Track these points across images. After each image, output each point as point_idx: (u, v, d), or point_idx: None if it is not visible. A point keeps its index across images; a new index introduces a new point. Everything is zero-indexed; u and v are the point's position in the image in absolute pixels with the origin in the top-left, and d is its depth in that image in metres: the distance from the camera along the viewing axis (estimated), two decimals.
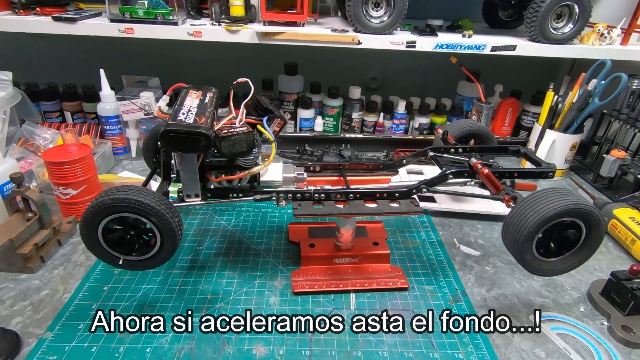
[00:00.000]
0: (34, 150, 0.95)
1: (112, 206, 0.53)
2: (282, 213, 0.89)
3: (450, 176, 0.66)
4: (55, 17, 0.94)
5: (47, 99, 1.12)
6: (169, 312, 0.62)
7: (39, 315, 0.61)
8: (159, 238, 0.56)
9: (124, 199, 0.53)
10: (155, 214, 0.54)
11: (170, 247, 0.57)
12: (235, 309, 0.64)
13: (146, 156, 0.75)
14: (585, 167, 1.15)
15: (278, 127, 0.66)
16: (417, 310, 0.65)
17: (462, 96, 1.27)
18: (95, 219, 0.54)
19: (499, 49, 1.02)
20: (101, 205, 0.53)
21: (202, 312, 0.63)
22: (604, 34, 1.05)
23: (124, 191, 0.54)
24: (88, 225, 0.55)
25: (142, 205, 0.53)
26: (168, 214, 0.54)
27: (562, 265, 0.60)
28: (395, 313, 0.63)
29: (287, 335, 0.60)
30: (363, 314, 0.62)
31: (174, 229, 0.55)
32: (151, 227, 0.56)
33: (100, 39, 0.96)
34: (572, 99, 1.03)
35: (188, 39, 0.96)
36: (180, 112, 0.56)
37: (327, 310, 0.65)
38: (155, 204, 0.54)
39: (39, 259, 0.71)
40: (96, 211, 0.53)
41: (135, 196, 0.53)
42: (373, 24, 0.98)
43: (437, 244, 0.82)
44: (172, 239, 0.56)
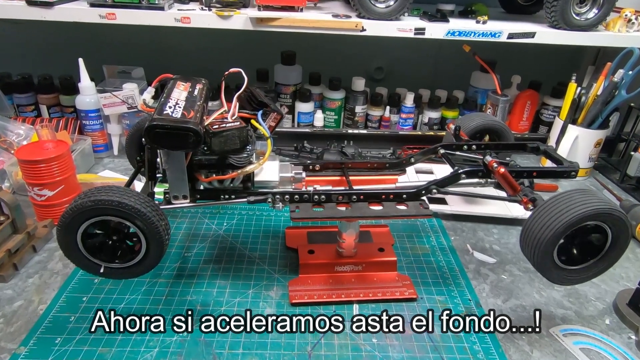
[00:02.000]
0: (6, 148, 0.95)
1: (93, 209, 0.53)
2: (278, 216, 0.89)
3: (463, 176, 0.66)
4: (30, 1, 0.93)
5: (20, 91, 1.13)
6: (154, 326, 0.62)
7: (12, 328, 0.61)
8: (145, 243, 0.56)
9: (105, 200, 0.53)
10: (140, 217, 0.54)
11: (156, 253, 0.57)
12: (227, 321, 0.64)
13: (129, 154, 0.75)
14: (611, 165, 1.15)
15: (274, 122, 0.66)
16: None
17: (476, 88, 1.27)
18: (74, 223, 0.54)
19: (517, 37, 1.02)
20: (80, 207, 0.53)
21: (190, 324, 0.63)
22: (631, 19, 1.05)
23: (106, 192, 0.54)
24: (66, 230, 0.55)
25: (126, 207, 0.53)
26: (154, 217, 0.54)
27: (585, 273, 0.60)
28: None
29: (284, 350, 0.60)
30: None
31: (160, 234, 0.55)
32: (135, 232, 0.56)
33: (79, 26, 0.96)
34: (597, 91, 1.03)
35: (175, 25, 0.96)
36: (166, 105, 0.56)
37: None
38: (140, 206, 0.53)
39: (12, 266, 0.70)
40: (75, 214, 0.53)
41: (118, 198, 0.53)
42: (378, 9, 0.98)
43: (448, 250, 0.82)
44: (158, 245, 0.56)
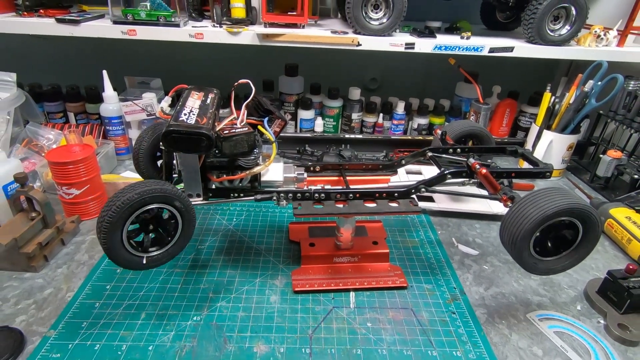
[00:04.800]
0: (37, 151, 0.95)
1: (141, 200, 0.52)
2: (282, 213, 0.89)
3: (448, 176, 0.66)
4: (59, 19, 0.94)
5: (50, 100, 1.13)
6: (171, 311, 0.63)
7: (43, 313, 0.61)
8: (180, 223, 0.57)
9: (149, 189, 0.53)
10: (178, 197, 0.55)
11: (189, 232, 0.58)
12: (237, 307, 0.64)
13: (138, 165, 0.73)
14: (582, 167, 1.15)
15: (279, 127, 0.66)
16: (416, 308, 0.65)
17: (461, 97, 1.27)
18: (120, 221, 0.52)
19: (497, 51, 1.01)
20: (129, 201, 0.51)
21: (204, 310, 0.63)
22: (600, 35, 1.05)
23: (142, 185, 0.53)
24: (113, 230, 0.52)
25: (166, 191, 0.54)
26: (185, 196, 0.56)
27: (559, 264, 0.60)
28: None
29: (288, 333, 0.60)
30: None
31: (193, 211, 0.57)
32: (169, 216, 0.56)
33: (103, 41, 0.96)
34: (569, 100, 1.02)
35: (190, 40, 0.96)
36: (182, 112, 0.56)
37: (327, 309, 0.65)
38: (173, 189, 0.55)
39: (43, 258, 0.71)
40: (123, 210, 0.51)
41: (157, 186, 0.53)
42: (372, 26, 0.98)
43: (435, 243, 0.82)
44: (191, 222, 0.58)
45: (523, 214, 0.54)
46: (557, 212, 0.53)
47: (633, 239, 0.79)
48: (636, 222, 0.81)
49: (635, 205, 0.89)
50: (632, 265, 0.67)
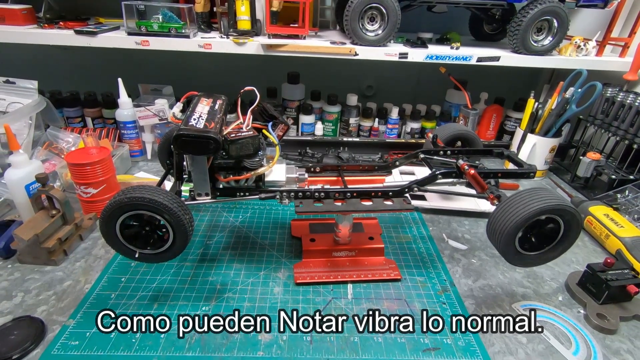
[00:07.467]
0: (57, 153, 0.95)
1: (129, 204, 0.53)
2: (285, 210, 0.89)
3: (439, 176, 0.66)
4: (77, 30, 0.94)
5: (69, 106, 1.12)
6: (181, 302, 0.63)
7: (62, 304, 0.61)
8: (172, 234, 0.56)
9: (139, 197, 0.53)
10: (167, 211, 0.54)
11: (182, 242, 0.57)
12: (242, 298, 0.64)
13: (161, 158, 0.75)
14: (563, 168, 1.15)
15: (282, 131, 0.66)
16: (409, 299, 0.65)
17: (451, 103, 1.27)
18: (113, 216, 0.54)
19: (484, 60, 1.01)
20: (119, 203, 0.53)
21: (212, 301, 0.63)
22: (580, 46, 1.05)
23: (139, 191, 0.53)
24: (107, 222, 0.54)
25: (156, 203, 0.53)
26: (180, 211, 0.54)
27: (542, 258, 0.59)
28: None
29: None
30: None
31: (185, 226, 0.55)
32: (164, 224, 0.55)
33: (118, 51, 0.96)
34: (551, 105, 1.02)
35: (199, 50, 0.95)
36: (191, 117, 0.56)
37: (327, 300, 0.64)
38: (167, 202, 0.53)
39: (62, 252, 0.71)
40: (114, 209, 0.53)
41: (149, 195, 0.53)
42: (368, 37, 0.98)
43: (427, 239, 0.82)
44: (183, 235, 0.56)
45: (509, 212, 0.54)
46: (541, 210, 0.53)
47: (611, 235, 0.79)
48: (614, 219, 0.81)
49: (612, 203, 0.89)
50: (609, 259, 0.67)
